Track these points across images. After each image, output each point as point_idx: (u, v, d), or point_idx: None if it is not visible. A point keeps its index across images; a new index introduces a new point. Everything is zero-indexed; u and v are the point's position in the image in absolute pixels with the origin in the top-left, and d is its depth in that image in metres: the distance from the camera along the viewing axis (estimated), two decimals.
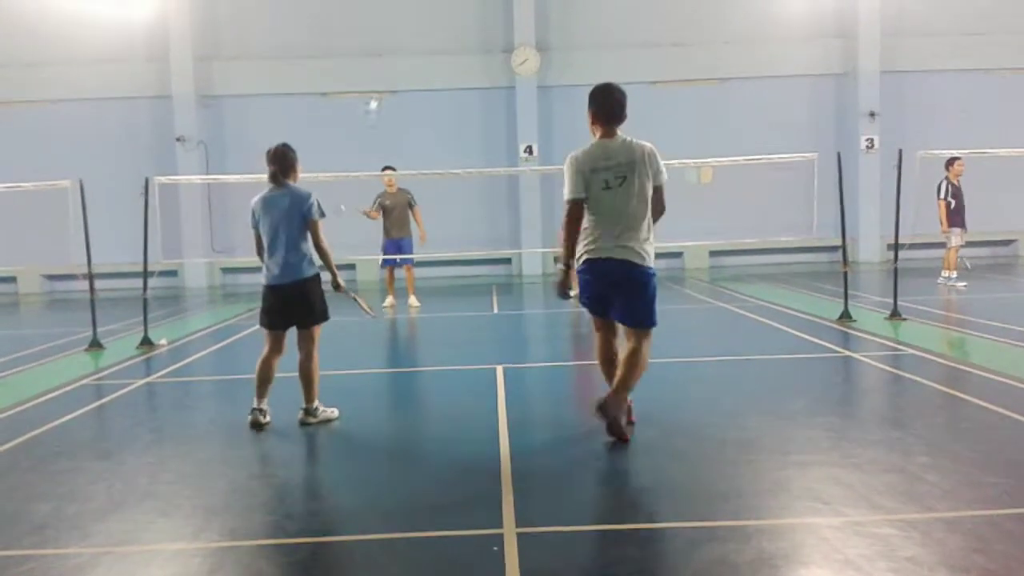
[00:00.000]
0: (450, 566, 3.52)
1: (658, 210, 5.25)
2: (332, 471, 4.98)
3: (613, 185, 5.08)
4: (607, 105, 5.20)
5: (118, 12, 18.43)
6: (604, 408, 5.08)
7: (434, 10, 19.11)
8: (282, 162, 5.94)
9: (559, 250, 5.70)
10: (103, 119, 18.83)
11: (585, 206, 5.17)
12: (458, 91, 19.08)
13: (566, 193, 5.20)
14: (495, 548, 3.63)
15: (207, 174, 17.75)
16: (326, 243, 5.95)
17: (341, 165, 14.56)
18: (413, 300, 13.08)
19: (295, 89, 19.01)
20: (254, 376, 5.96)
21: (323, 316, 6.00)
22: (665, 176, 5.20)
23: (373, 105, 12.79)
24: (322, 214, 5.92)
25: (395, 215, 12.88)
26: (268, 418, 5.91)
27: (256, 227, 5.99)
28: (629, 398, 5.31)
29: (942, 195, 13.50)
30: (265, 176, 6.01)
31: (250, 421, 5.85)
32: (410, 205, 12.98)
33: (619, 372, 5.21)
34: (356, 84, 19.07)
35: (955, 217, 13.55)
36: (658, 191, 5.20)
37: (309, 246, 5.93)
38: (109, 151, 18.43)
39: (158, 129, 18.89)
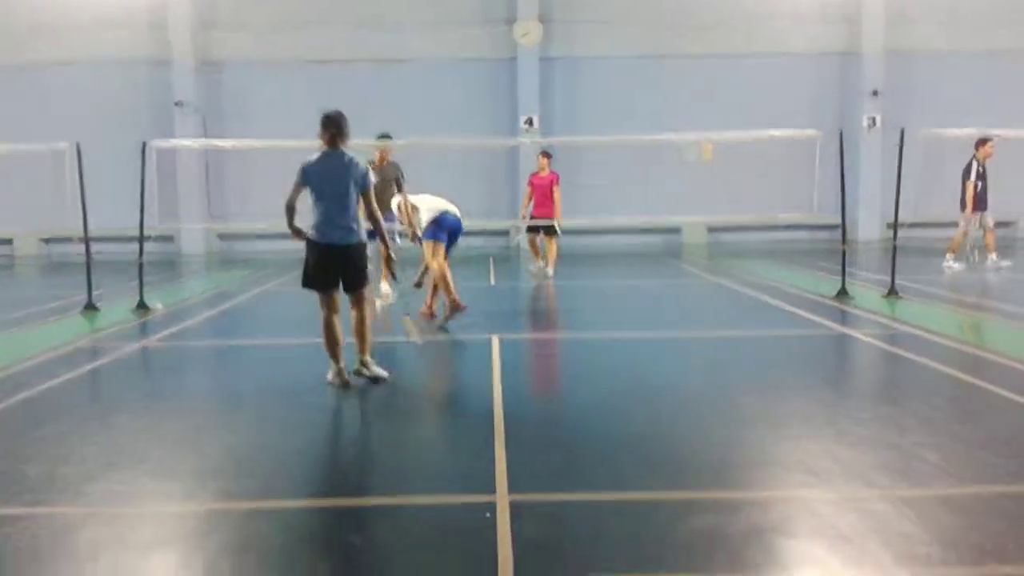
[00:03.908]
0: (443, 531, 3.53)
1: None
2: (325, 436, 4.98)
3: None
4: None
5: None
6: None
7: None
8: (340, 126, 5.99)
9: None
10: (102, 83, 18.68)
11: None
12: (460, 62, 18.92)
13: None
14: (488, 514, 3.63)
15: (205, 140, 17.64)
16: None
17: None
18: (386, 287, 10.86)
19: (295, 56, 18.84)
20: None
21: (367, 279, 6.06)
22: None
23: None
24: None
25: (380, 189, 11.00)
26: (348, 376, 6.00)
27: (305, 184, 5.94)
28: None
29: (972, 177, 12.93)
30: (257, 143, 5.99)
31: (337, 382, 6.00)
32: (397, 183, 10.60)
33: None
34: (357, 53, 18.91)
35: (980, 201, 12.99)
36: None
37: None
38: (107, 115, 18.28)
39: (157, 94, 18.75)
